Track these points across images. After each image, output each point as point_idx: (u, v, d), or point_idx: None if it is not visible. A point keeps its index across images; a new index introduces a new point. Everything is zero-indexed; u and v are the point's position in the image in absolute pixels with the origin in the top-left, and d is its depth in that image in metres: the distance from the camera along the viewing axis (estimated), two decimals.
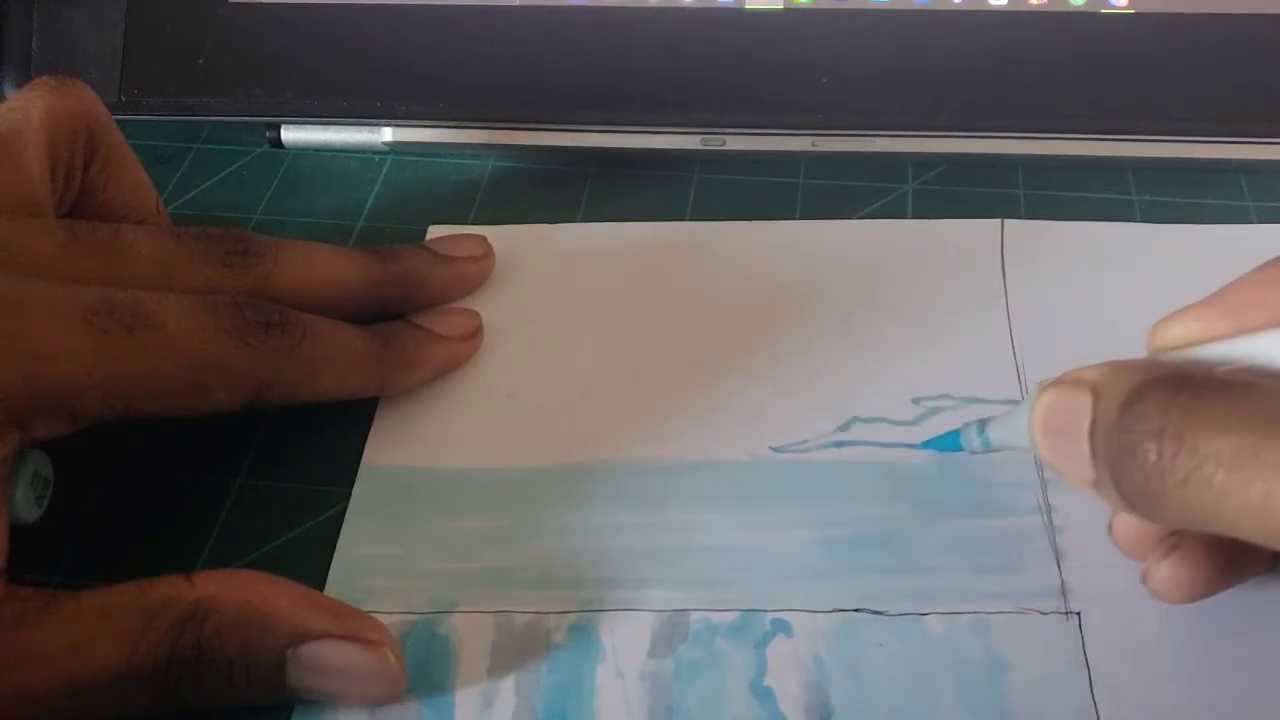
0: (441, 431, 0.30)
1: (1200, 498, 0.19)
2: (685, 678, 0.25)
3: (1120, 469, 0.20)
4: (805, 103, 0.36)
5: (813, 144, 0.37)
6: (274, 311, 0.27)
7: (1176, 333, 0.23)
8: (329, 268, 0.31)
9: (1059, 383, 0.22)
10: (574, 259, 0.35)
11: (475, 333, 0.32)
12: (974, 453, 0.27)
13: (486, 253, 0.34)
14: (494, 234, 0.35)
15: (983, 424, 0.27)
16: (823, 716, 0.25)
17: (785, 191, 0.37)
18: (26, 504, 0.25)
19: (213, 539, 0.29)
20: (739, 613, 0.26)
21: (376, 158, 0.39)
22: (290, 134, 0.39)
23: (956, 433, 0.28)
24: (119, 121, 0.31)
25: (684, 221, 0.36)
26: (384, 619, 0.25)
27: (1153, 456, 0.20)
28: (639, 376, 0.31)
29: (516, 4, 0.38)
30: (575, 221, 0.36)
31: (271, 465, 0.30)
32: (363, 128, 0.39)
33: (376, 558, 0.28)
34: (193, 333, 0.26)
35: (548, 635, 0.26)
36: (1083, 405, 0.21)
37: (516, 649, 0.26)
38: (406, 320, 0.32)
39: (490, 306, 0.33)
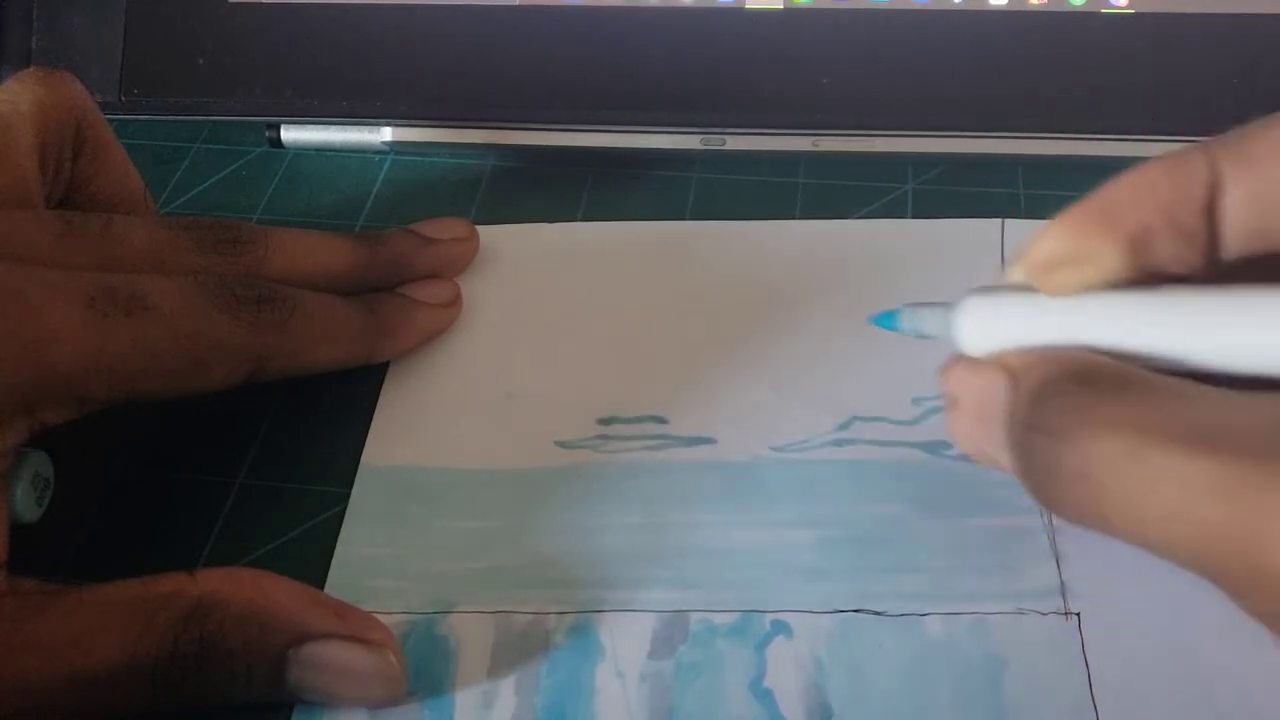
0: (441, 431, 0.30)
1: (1088, 500, 0.19)
2: (685, 678, 0.25)
3: (1022, 462, 0.21)
4: (805, 103, 0.36)
5: (813, 144, 0.37)
6: (263, 287, 0.28)
7: (1055, 248, 0.22)
8: (318, 253, 0.31)
9: (985, 362, 0.22)
10: (574, 258, 0.35)
11: (455, 299, 0.33)
12: (908, 333, 0.26)
13: (470, 234, 0.34)
14: (494, 233, 0.35)
15: (918, 307, 0.26)
16: (823, 717, 0.25)
17: (785, 191, 0.37)
18: (26, 504, 0.25)
19: (213, 539, 0.29)
20: (739, 613, 0.26)
21: (376, 158, 0.39)
22: (290, 134, 0.39)
23: (897, 312, 0.26)
24: (119, 121, 0.31)
25: (683, 221, 0.36)
26: (384, 619, 0.25)
27: (1046, 456, 0.20)
28: (638, 376, 0.31)
29: (516, 4, 0.38)
30: (575, 221, 0.36)
31: (271, 465, 0.30)
32: (363, 128, 0.39)
33: (376, 558, 0.28)
34: (188, 311, 0.26)
35: (548, 635, 0.26)
36: (1002, 390, 0.21)
37: (516, 649, 0.26)
38: (390, 291, 0.32)
39: (490, 306, 0.33)
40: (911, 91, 0.36)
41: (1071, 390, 0.20)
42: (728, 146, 0.37)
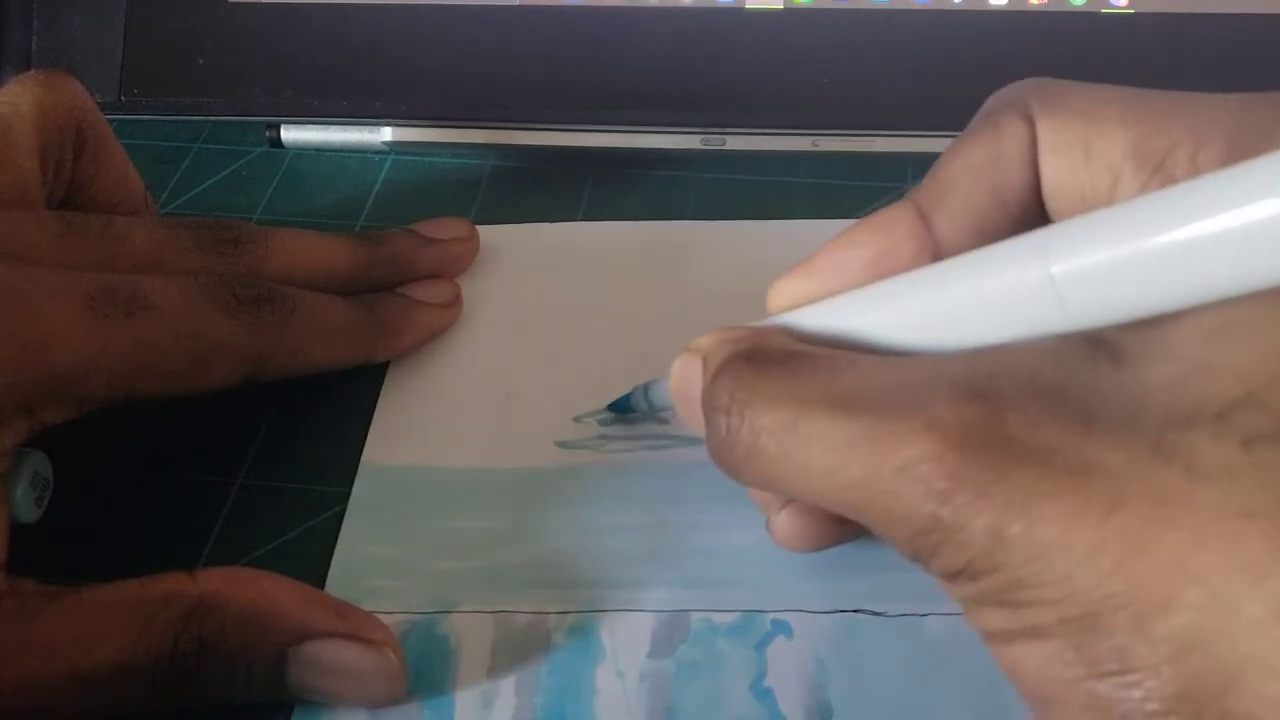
0: (441, 431, 0.30)
1: (762, 467, 0.20)
2: (685, 678, 0.25)
3: (707, 438, 0.22)
4: (805, 103, 0.36)
5: (813, 144, 0.37)
6: (263, 287, 0.28)
7: (785, 294, 0.23)
8: (318, 253, 0.31)
9: (686, 349, 0.23)
10: (574, 258, 0.35)
11: (456, 299, 0.33)
12: (643, 413, 0.28)
13: (471, 234, 0.34)
14: (494, 233, 0.35)
15: (647, 386, 0.28)
16: (823, 717, 0.25)
17: (785, 191, 0.37)
18: (26, 504, 0.26)
19: (213, 539, 0.29)
20: (739, 613, 0.26)
21: (376, 158, 0.39)
22: (290, 134, 0.39)
23: (630, 394, 0.29)
24: (119, 121, 0.31)
25: (683, 221, 0.36)
26: (384, 619, 0.25)
27: (722, 430, 0.21)
28: (639, 376, 0.31)
29: (516, 4, 0.38)
30: (575, 221, 0.36)
31: (271, 465, 0.30)
32: (363, 128, 0.39)
33: (376, 557, 0.28)
34: (188, 312, 0.26)
35: (548, 635, 0.26)
36: (697, 373, 0.22)
37: (516, 649, 0.26)
38: (390, 291, 0.32)
39: (490, 306, 0.33)
40: (911, 91, 0.36)
41: (739, 369, 0.21)
42: (728, 146, 0.37)
